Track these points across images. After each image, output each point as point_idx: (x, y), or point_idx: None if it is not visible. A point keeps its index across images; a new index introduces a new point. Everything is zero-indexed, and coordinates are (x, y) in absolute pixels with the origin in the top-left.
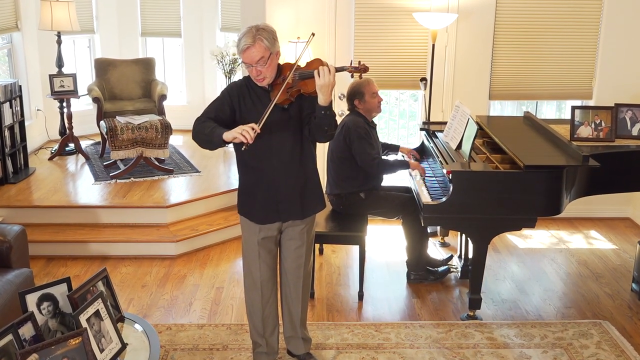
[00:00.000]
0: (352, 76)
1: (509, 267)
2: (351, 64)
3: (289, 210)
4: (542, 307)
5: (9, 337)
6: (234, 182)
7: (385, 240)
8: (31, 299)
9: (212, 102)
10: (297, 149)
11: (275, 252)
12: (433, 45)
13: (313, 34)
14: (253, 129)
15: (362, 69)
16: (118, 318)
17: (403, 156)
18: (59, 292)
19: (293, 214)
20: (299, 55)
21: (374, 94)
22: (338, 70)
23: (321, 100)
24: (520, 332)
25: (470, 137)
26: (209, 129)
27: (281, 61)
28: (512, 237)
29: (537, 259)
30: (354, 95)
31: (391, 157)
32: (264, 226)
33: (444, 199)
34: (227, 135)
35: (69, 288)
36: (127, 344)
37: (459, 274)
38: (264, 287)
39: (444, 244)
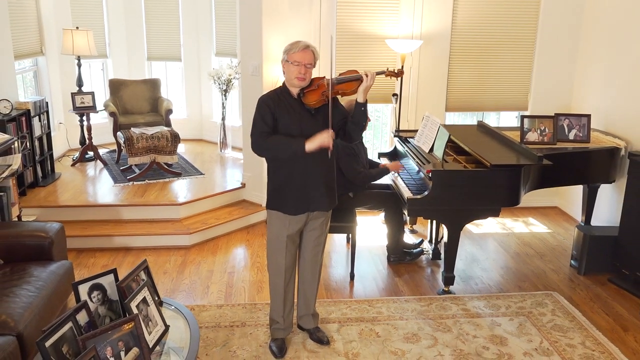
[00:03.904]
0: (390, 78)
1: (469, 249)
2: (387, 69)
3: (318, 202)
4: (501, 282)
5: (69, 324)
6: (232, 182)
7: (366, 229)
8: (83, 289)
9: (257, 119)
10: (324, 149)
11: (298, 242)
12: (402, 67)
13: (332, 37)
14: (330, 134)
15: (399, 73)
16: (158, 302)
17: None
18: (107, 281)
19: (321, 205)
20: (333, 58)
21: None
22: (378, 74)
23: (360, 98)
24: (488, 304)
25: (443, 141)
26: (284, 142)
27: (270, 82)
28: (467, 225)
29: (489, 242)
30: None
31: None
32: (293, 219)
33: (426, 193)
34: (311, 146)
35: (116, 278)
36: (169, 325)
37: (430, 255)
38: (287, 273)
39: (412, 231)
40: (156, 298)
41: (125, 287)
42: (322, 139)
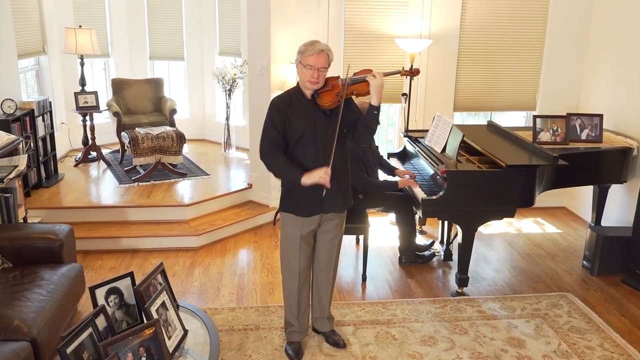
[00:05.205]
0: (406, 77)
1: (480, 251)
2: (403, 68)
3: (331, 203)
4: (514, 283)
5: (89, 330)
6: (238, 183)
7: (374, 230)
8: (100, 293)
9: (267, 125)
10: (339, 150)
11: (313, 243)
12: (411, 66)
13: (349, 65)
14: (327, 173)
15: (415, 72)
16: (176, 306)
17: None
18: (124, 285)
19: (334, 206)
20: (346, 73)
21: None
22: (391, 73)
23: (374, 101)
24: (503, 305)
25: (456, 141)
26: (287, 167)
27: (278, 81)
28: None
29: (499, 242)
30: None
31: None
32: (306, 221)
33: (441, 193)
34: (306, 182)
35: (133, 282)
36: (187, 330)
37: (442, 256)
38: (301, 275)
39: (422, 232)
40: (174, 302)
41: (143, 291)
42: (319, 175)
